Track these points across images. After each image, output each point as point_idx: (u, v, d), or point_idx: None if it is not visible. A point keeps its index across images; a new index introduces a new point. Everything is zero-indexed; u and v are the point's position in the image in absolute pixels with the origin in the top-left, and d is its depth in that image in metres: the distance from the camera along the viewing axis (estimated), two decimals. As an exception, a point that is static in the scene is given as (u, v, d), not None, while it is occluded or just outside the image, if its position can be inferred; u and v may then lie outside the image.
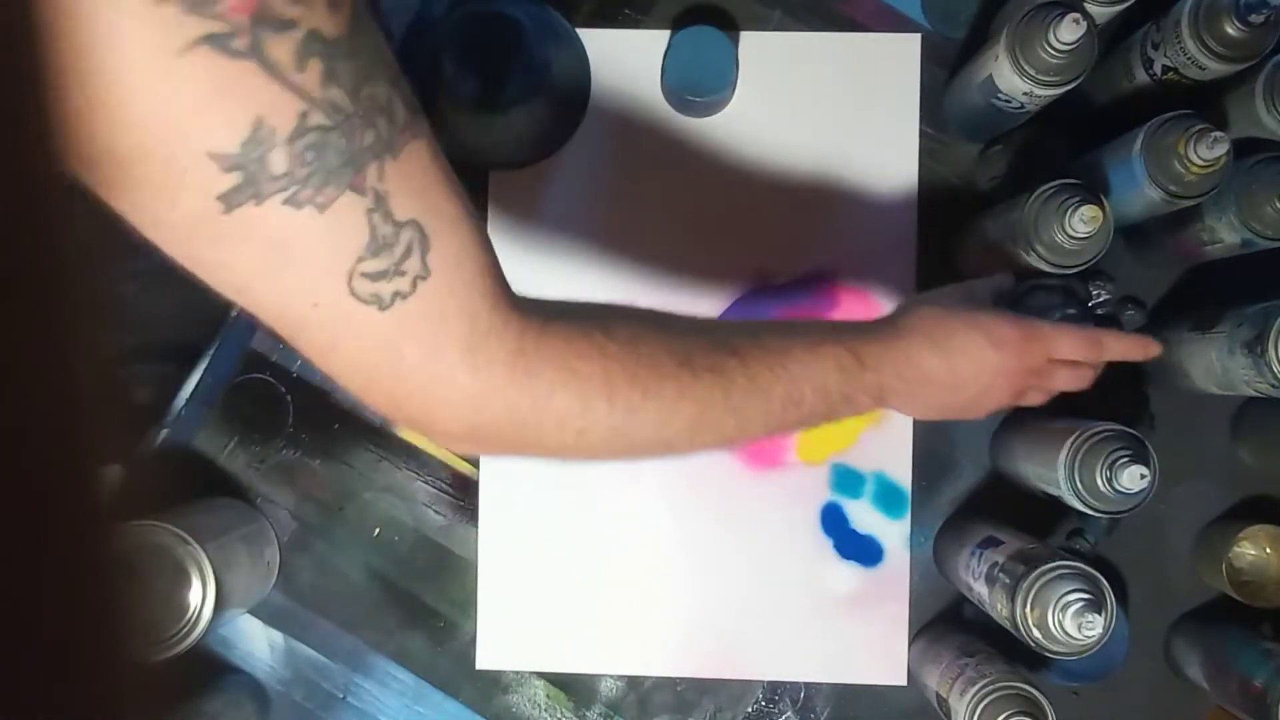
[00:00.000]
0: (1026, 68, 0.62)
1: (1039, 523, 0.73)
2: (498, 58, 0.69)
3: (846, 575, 0.77)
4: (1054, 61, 0.62)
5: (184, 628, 0.66)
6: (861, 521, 0.77)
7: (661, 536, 0.78)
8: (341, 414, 0.78)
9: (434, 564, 0.78)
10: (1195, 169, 0.61)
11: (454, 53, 0.69)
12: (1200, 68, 0.63)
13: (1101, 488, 0.61)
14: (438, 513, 0.78)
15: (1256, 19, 0.60)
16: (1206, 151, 0.60)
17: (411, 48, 0.77)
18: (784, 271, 0.78)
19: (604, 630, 0.78)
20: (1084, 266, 0.63)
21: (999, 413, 0.76)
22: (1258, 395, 0.64)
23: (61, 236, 0.23)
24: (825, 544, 0.77)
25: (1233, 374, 0.64)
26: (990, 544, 0.67)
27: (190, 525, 0.67)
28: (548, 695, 0.78)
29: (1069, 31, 0.59)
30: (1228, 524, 0.74)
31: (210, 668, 0.77)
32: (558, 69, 0.73)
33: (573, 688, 0.78)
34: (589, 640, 0.78)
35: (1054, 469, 0.63)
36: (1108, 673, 0.74)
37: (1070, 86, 0.63)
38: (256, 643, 0.78)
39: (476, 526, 0.78)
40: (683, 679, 0.77)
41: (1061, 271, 0.63)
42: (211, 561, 0.67)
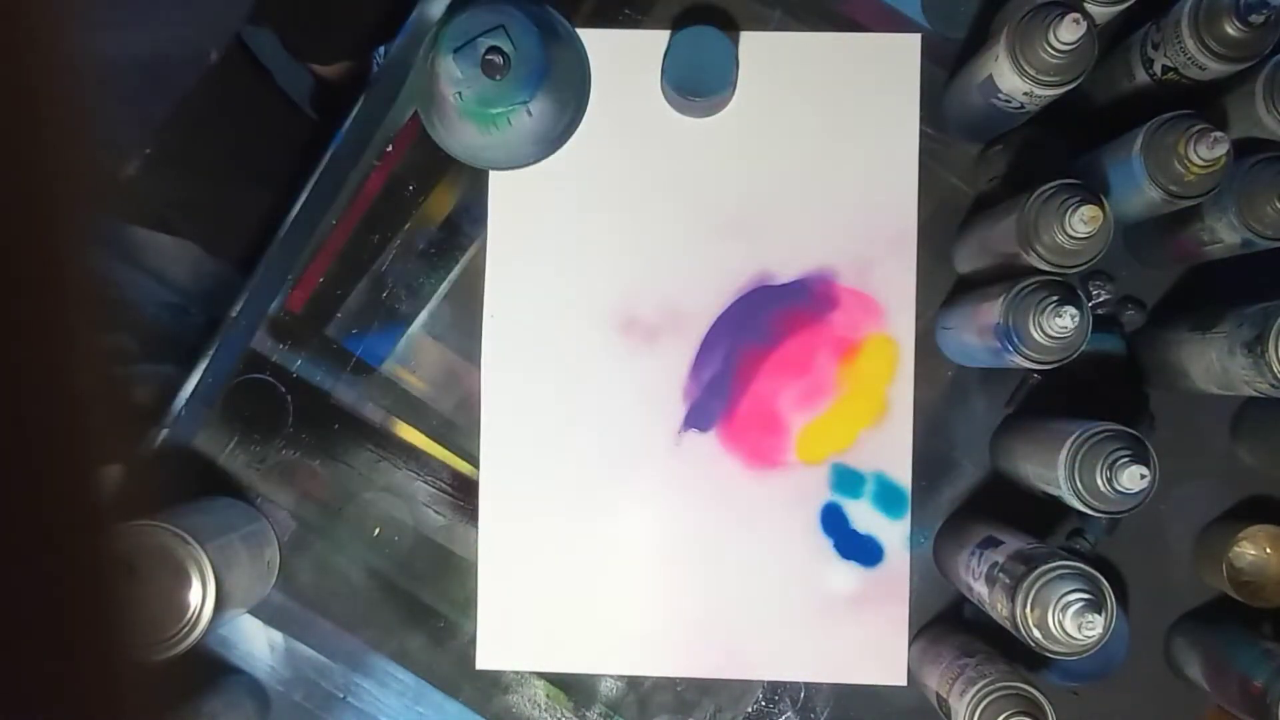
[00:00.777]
0: (1026, 68, 0.62)
1: (1039, 523, 0.73)
2: (498, 58, 0.69)
3: (846, 575, 0.77)
4: (1054, 61, 0.62)
5: (184, 628, 0.66)
6: (861, 521, 0.77)
7: (661, 537, 0.78)
8: (341, 414, 0.78)
9: (434, 564, 0.78)
10: (1195, 169, 0.61)
11: (453, 53, 0.69)
12: (1200, 68, 0.63)
13: (1101, 488, 0.61)
14: (438, 513, 0.78)
15: (1256, 19, 0.60)
16: (1206, 151, 0.60)
17: (411, 48, 0.77)
18: (784, 271, 0.78)
19: (604, 630, 0.78)
20: (1084, 266, 0.63)
21: (999, 412, 0.77)
22: (1258, 395, 0.64)
23: (61, 237, 0.23)
24: (825, 544, 0.77)
25: (1233, 374, 0.64)
26: (990, 544, 0.67)
27: (190, 525, 0.67)
28: (548, 695, 0.78)
29: (1069, 31, 0.59)
30: (1228, 524, 0.74)
31: (210, 668, 0.77)
32: (558, 69, 0.73)
33: (573, 688, 0.78)
34: (589, 640, 0.78)
35: (1054, 469, 0.63)
36: (1108, 673, 0.74)
37: (1070, 86, 0.63)
38: (256, 643, 0.78)
39: (476, 526, 0.78)
40: (683, 679, 0.78)
41: (1061, 271, 0.63)
42: (211, 561, 0.67)
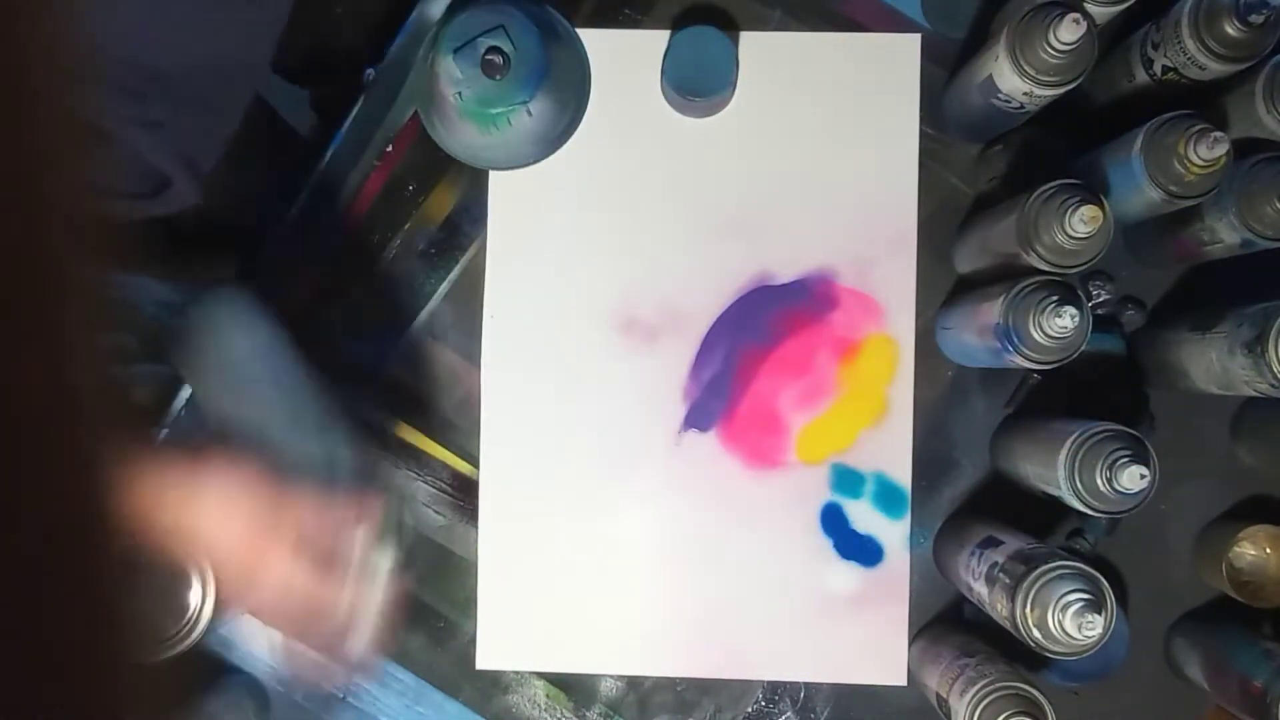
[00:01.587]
0: (1026, 68, 0.62)
1: (1039, 523, 0.73)
2: (498, 58, 0.69)
3: (846, 575, 0.77)
4: (1054, 61, 0.62)
5: (184, 628, 0.66)
6: (861, 521, 0.77)
7: (661, 537, 0.78)
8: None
9: (434, 564, 0.78)
10: (1195, 169, 0.61)
11: (453, 53, 0.69)
12: (1200, 68, 0.63)
13: (1101, 488, 0.61)
14: (438, 513, 0.78)
15: (1256, 19, 0.60)
16: (1206, 151, 0.60)
17: (411, 48, 0.77)
18: (784, 271, 0.78)
19: (604, 630, 0.78)
20: (1084, 266, 0.63)
21: (999, 412, 0.77)
22: (1258, 395, 0.64)
23: (62, 238, 0.23)
24: (825, 544, 0.77)
25: (1233, 374, 0.64)
26: (990, 544, 0.67)
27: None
28: (548, 695, 0.78)
29: (1069, 31, 0.59)
30: (1228, 524, 0.74)
31: (210, 668, 0.77)
32: (558, 69, 0.73)
33: (573, 688, 0.78)
34: (589, 640, 0.78)
35: (1054, 469, 0.63)
36: (1108, 673, 0.74)
37: (1070, 86, 0.63)
38: (256, 643, 0.78)
39: (476, 526, 0.78)
40: (683, 679, 0.78)
41: (1061, 271, 0.63)
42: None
